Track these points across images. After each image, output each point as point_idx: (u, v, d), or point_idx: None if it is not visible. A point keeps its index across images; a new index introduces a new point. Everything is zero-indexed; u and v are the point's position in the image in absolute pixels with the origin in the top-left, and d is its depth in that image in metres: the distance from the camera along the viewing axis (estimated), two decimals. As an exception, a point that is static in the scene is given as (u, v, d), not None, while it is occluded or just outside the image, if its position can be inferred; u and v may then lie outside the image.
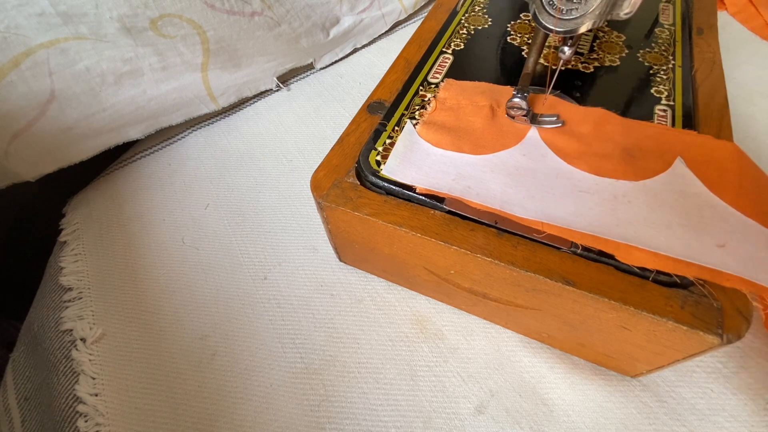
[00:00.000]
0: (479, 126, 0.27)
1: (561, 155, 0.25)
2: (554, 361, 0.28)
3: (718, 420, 0.26)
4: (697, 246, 0.21)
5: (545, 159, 0.25)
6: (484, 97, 0.29)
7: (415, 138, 0.27)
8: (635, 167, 0.24)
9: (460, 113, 0.28)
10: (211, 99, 0.45)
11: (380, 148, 0.28)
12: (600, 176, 0.24)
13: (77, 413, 0.29)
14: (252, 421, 0.28)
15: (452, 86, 0.30)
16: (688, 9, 0.36)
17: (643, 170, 0.24)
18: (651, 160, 0.24)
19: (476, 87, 0.30)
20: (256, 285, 0.35)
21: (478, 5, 0.38)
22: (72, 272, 0.37)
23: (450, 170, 0.25)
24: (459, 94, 0.29)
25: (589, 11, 0.23)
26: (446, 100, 0.29)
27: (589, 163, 0.25)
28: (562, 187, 0.24)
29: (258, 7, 0.42)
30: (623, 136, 0.26)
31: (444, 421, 0.27)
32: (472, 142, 0.27)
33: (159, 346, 0.32)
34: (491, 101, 0.28)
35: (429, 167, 0.26)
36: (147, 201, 0.42)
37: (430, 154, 0.26)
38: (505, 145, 0.26)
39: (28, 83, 0.34)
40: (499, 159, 0.26)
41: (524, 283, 0.23)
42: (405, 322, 0.31)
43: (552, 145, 0.26)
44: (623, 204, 0.23)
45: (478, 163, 0.26)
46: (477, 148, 0.26)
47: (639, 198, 0.23)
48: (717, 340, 0.19)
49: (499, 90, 0.29)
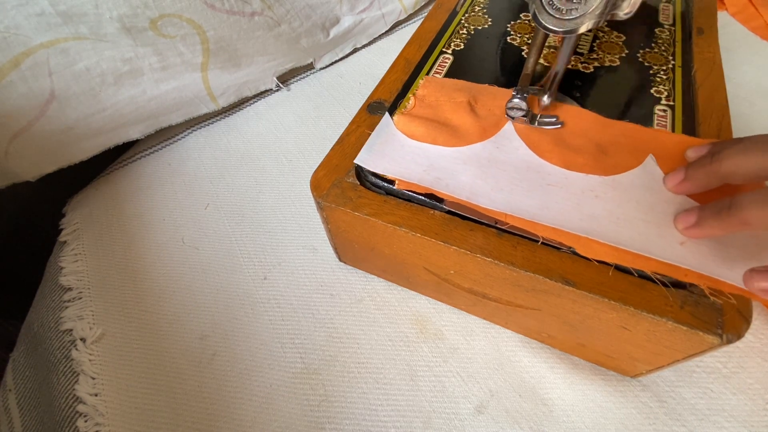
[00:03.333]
0: (456, 120, 0.28)
1: (534, 148, 0.26)
2: (554, 361, 0.28)
3: (718, 420, 0.26)
4: (658, 241, 0.21)
5: (518, 152, 0.26)
6: (462, 93, 0.29)
7: (392, 130, 0.28)
8: (606, 163, 0.24)
9: (438, 110, 0.29)
10: (211, 99, 0.45)
11: (380, 148, 0.27)
12: (570, 170, 0.24)
13: (77, 413, 0.29)
14: (252, 421, 0.28)
15: (431, 83, 0.30)
16: (688, 9, 0.36)
17: (614, 166, 0.24)
18: (623, 157, 0.25)
19: (455, 84, 0.30)
20: (256, 285, 0.35)
21: (478, 5, 0.38)
22: (72, 272, 0.37)
23: (422, 161, 0.26)
24: (438, 91, 0.30)
25: (589, 11, 0.23)
26: (425, 97, 0.30)
27: (561, 157, 0.25)
28: (531, 179, 0.24)
29: (258, 7, 0.42)
30: (598, 133, 0.26)
31: (444, 421, 0.27)
32: (447, 135, 0.27)
33: (159, 346, 0.32)
34: (469, 97, 0.29)
35: (402, 158, 0.26)
36: (147, 201, 0.42)
37: (404, 145, 0.27)
38: (480, 138, 0.27)
39: (28, 83, 0.34)
40: (472, 151, 0.26)
41: (524, 283, 0.23)
42: (405, 322, 0.31)
43: (526, 139, 0.26)
44: (590, 198, 0.23)
45: (450, 155, 0.26)
46: (451, 140, 0.27)
47: (606, 193, 0.23)
48: (717, 340, 0.19)
49: (476, 87, 0.29)
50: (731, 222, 0.19)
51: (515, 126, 0.27)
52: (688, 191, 0.22)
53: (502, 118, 0.27)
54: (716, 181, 0.21)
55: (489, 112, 0.28)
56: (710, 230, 0.20)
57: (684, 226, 0.21)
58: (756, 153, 0.19)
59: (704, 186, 0.21)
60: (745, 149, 0.19)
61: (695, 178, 0.21)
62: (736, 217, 0.18)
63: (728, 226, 0.19)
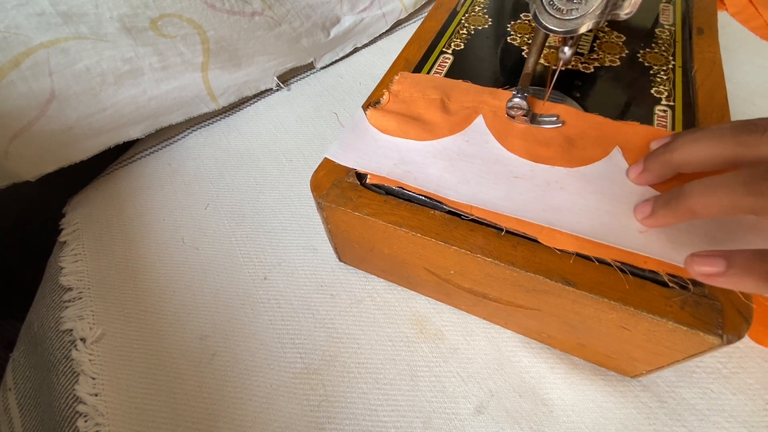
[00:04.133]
0: (428, 115, 0.28)
1: (503, 142, 0.26)
2: (554, 361, 0.28)
3: (718, 420, 0.26)
4: (619, 231, 0.21)
5: (487, 145, 0.26)
6: (435, 90, 0.29)
7: (365, 124, 0.28)
8: (573, 155, 0.25)
9: (412, 105, 0.29)
10: (211, 99, 0.45)
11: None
12: (537, 162, 0.25)
13: (77, 413, 0.29)
14: (252, 421, 0.28)
15: (406, 79, 0.30)
16: (688, 9, 0.36)
17: (580, 158, 0.25)
18: (590, 149, 0.25)
19: (429, 80, 0.30)
20: (256, 285, 0.35)
21: (478, 5, 0.38)
22: (72, 272, 0.37)
23: (393, 155, 0.26)
24: (412, 87, 0.30)
25: (590, 11, 0.23)
26: (400, 92, 0.30)
27: (528, 150, 0.26)
28: (498, 172, 0.25)
29: (258, 6, 0.42)
30: (568, 126, 0.26)
31: (444, 421, 0.27)
32: (418, 129, 0.27)
33: (159, 346, 0.32)
34: (441, 94, 0.29)
35: (374, 152, 0.26)
36: (147, 201, 0.42)
37: (376, 139, 0.27)
38: (450, 132, 0.27)
39: (28, 83, 0.34)
40: (442, 145, 0.26)
41: (524, 284, 0.23)
42: (405, 322, 0.31)
43: (496, 132, 0.27)
44: (555, 190, 0.23)
45: (421, 149, 0.26)
46: (423, 134, 0.27)
47: (571, 184, 0.24)
48: (717, 340, 0.19)
49: (449, 83, 0.30)
50: (679, 210, 0.19)
51: (486, 120, 0.27)
52: (648, 182, 0.23)
53: (473, 113, 0.28)
54: (671, 171, 0.21)
55: (461, 106, 0.28)
56: (663, 219, 0.20)
57: (641, 216, 0.21)
58: (704, 142, 0.20)
59: (661, 176, 0.22)
60: (695, 139, 0.20)
61: (652, 168, 0.22)
62: (682, 206, 0.19)
63: (677, 214, 0.19)
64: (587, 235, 0.21)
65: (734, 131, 0.19)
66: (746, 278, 0.16)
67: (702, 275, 0.17)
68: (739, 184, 0.17)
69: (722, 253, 0.17)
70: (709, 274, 0.17)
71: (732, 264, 0.16)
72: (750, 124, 0.19)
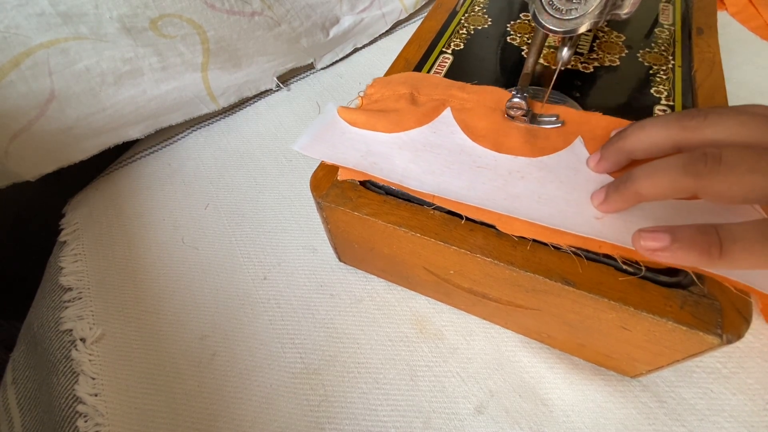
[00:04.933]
0: (397, 109, 0.28)
1: (468, 133, 0.27)
2: (554, 361, 0.28)
3: (718, 420, 0.26)
4: (576, 218, 0.22)
5: (453, 136, 0.27)
6: (406, 85, 0.30)
7: (334, 117, 0.28)
8: (536, 145, 0.25)
9: (383, 103, 0.29)
10: (211, 99, 0.45)
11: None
12: (501, 153, 0.25)
13: (77, 413, 0.29)
14: (252, 421, 0.28)
15: (378, 83, 0.31)
16: (688, 9, 0.36)
17: (542, 148, 0.25)
18: (553, 139, 0.25)
19: (399, 78, 0.31)
20: (255, 285, 0.35)
21: (478, 5, 0.38)
22: (72, 272, 0.37)
23: (361, 147, 0.26)
24: (383, 88, 0.30)
25: (589, 11, 0.23)
26: (372, 95, 0.30)
27: (492, 141, 0.26)
28: (462, 162, 0.25)
29: (258, 6, 0.42)
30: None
31: (443, 421, 0.27)
32: (386, 122, 0.28)
33: (159, 346, 0.32)
34: (411, 89, 0.29)
35: (341, 144, 0.27)
36: (147, 201, 0.42)
37: (345, 132, 0.28)
38: (418, 124, 0.27)
39: (28, 83, 0.34)
40: (409, 137, 0.27)
41: (524, 283, 0.23)
42: (404, 322, 0.31)
43: (462, 124, 0.27)
44: (516, 179, 0.24)
45: (388, 141, 0.27)
46: (390, 126, 0.27)
47: (532, 173, 0.24)
48: (717, 340, 0.19)
49: (421, 78, 0.30)
50: (627, 194, 0.20)
51: (453, 112, 0.28)
52: (606, 170, 0.23)
53: (441, 105, 0.28)
54: (625, 158, 0.22)
55: (429, 99, 0.29)
56: (615, 204, 0.21)
57: (596, 202, 0.22)
58: (652, 129, 0.20)
59: (617, 163, 0.23)
60: (642, 125, 0.21)
61: (608, 156, 0.23)
62: (630, 189, 0.20)
63: (626, 198, 0.20)
64: (544, 222, 0.22)
65: (679, 117, 0.20)
66: (689, 252, 0.16)
67: (648, 250, 0.17)
68: (679, 166, 0.18)
69: (667, 228, 0.17)
70: (654, 249, 0.17)
71: (676, 238, 0.16)
72: (694, 111, 0.20)
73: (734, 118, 0.18)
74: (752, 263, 0.16)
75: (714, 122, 0.19)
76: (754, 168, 0.16)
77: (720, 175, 0.17)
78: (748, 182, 0.16)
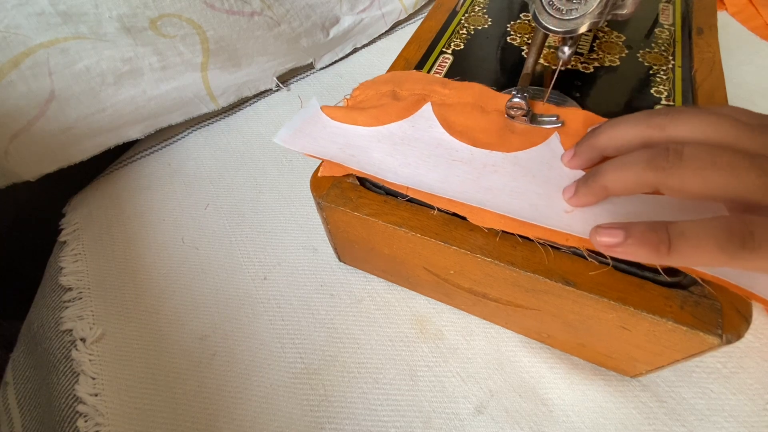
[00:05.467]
0: (378, 104, 0.29)
1: (447, 127, 0.27)
2: (554, 361, 0.29)
3: (718, 420, 0.26)
4: (546, 211, 0.22)
5: (431, 130, 0.27)
6: (388, 84, 0.30)
7: (316, 112, 0.29)
8: (511, 140, 0.26)
9: (366, 102, 0.30)
10: (210, 99, 0.45)
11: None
12: (477, 147, 0.26)
13: (77, 413, 0.29)
14: (252, 421, 0.28)
15: (363, 85, 0.31)
16: (688, 9, 0.36)
17: (518, 143, 0.26)
18: (530, 135, 0.26)
19: (383, 77, 0.31)
20: (255, 285, 0.35)
21: (478, 5, 0.38)
22: (72, 272, 0.37)
23: (340, 140, 0.27)
24: (368, 88, 0.31)
25: (589, 11, 0.23)
26: (357, 96, 0.31)
27: (470, 136, 0.26)
28: (439, 155, 0.26)
29: (258, 6, 0.42)
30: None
31: (443, 421, 0.27)
32: (367, 116, 0.28)
33: (159, 346, 0.32)
34: (394, 86, 0.30)
35: (321, 137, 0.27)
36: (147, 201, 0.42)
37: (326, 126, 0.28)
38: (398, 118, 0.28)
39: (28, 83, 0.34)
40: (388, 130, 0.27)
41: (524, 284, 0.23)
42: (405, 323, 0.31)
43: (442, 119, 0.27)
44: (490, 172, 0.24)
45: (367, 135, 0.27)
46: (370, 120, 0.28)
47: (505, 167, 0.24)
48: (717, 340, 0.19)
49: (404, 75, 0.31)
50: (595, 188, 0.20)
51: (433, 107, 0.28)
52: (579, 166, 0.24)
53: (422, 100, 0.28)
54: (597, 155, 0.22)
55: (410, 94, 0.29)
56: (584, 198, 0.21)
57: (567, 196, 0.22)
58: (622, 126, 0.21)
59: (590, 160, 0.23)
60: (615, 123, 0.21)
61: (581, 153, 0.23)
62: (597, 184, 0.20)
63: (594, 192, 0.21)
64: (515, 214, 0.22)
65: (648, 115, 0.20)
66: (640, 248, 0.17)
67: (604, 246, 0.18)
68: (642, 161, 0.18)
69: (622, 225, 0.17)
70: (609, 245, 0.17)
71: (628, 235, 0.17)
72: (663, 109, 0.20)
73: (699, 117, 0.19)
74: (701, 260, 0.16)
75: (680, 121, 0.19)
76: (712, 163, 0.17)
77: (680, 169, 0.17)
78: (706, 177, 0.17)
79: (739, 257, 0.15)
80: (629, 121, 0.21)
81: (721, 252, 0.16)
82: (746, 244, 0.15)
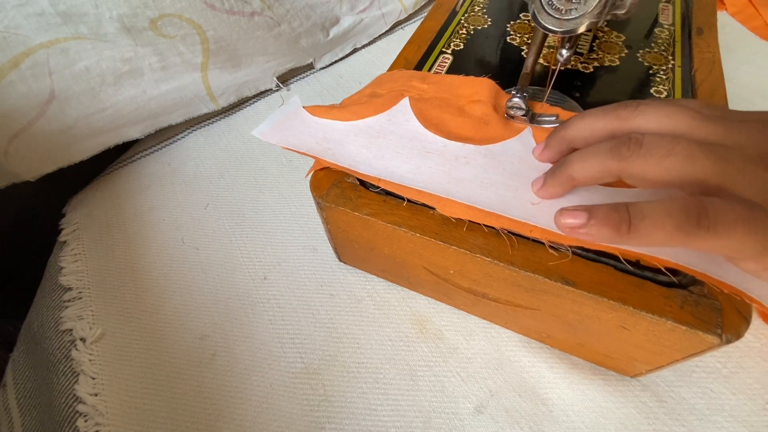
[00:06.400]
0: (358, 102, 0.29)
1: (423, 121, 0.27)
2: (554, 361, 0.29)
3: (718, 420, 0.26)
4: (513, 202, 0.23)
5: (407, 124, 0.27)
6: (371, 86, 0.31)
7: (297, 108, 0.29)
8: (485, 133, 0.26)
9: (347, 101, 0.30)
10: (211, 99, 0.45)
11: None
12: (451, 140, 0.26)
13: (77, 413, 0.29)
14: (252, 421, 0.28)
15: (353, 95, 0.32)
16: (688, 9, 0.36)
17: (492, 137, 0.26)
18: (503, 129, 0.26)
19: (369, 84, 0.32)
20: (255, 285, 0.35)
21: (477, 5, 0.38)
22: (72, 272, 0.37)
23: (317, 135, 0.27)
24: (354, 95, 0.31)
25: (589, 11, 0.23)
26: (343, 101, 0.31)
27: (444, 129, 0.27)
28: (413, 148, 0.26)
29: (258, 6, 0.42)
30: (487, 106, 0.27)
31: (443, 421, 0.27)
32: (346, 112, 0.28)
33: (159, 346, 0.32)
34: (375, 86, 0.30)
35: (299, 132, 0.28)
36: (147, 201, 0.42)
37: (305, 121, 0.29)
38: (375, 112, 0.28)
39: (28, 83, 0.34)
40: (365, 124, 0.28)
41: (524, 283, 0.23)
42: (405, 322, 0.31)
43: (418, 113, 0.28)
44: (461, 164, 0.25)
45: (344, 129, 0.28)
46: (349, 116, 0.28)
47: (477, 160, 0.25)
48: (716, 340, 0.19)
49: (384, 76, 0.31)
50: (562, 178, 0.21)
51: (411, 102, 0.28)
52: (550, 159, 0.24)
53: (400, 95, 0.29)
54: (566, 147, 0.23)
55: (389, 90, 0.30)
56: (552, 188, 0.22)
57: (535, 188, 0.23)
58: (591, 118, 0.21)
59: (560, 152, 0.23)
60: (583, 115, 0.22)
61: (551, 145, 0.24)
62: (564, 174, 0.21)
63: (561, 182, 0.21)
64: (483, 205, 0.22)
65: (615, 107, 0.21)
66: (602, 228, 0.17)
67: (567, 227, 0.18)
68: (606, 150, 0.19)
69: (585, 207, 0.18)
70: (573, 227, 0.18)
71: (592, 215, 0.17)
72: (630, 102, 0.21)
73: (662, 109, 0.19)
74: (660, 239, 0.17)
75: (644, 112, 0.20)
76: (670, 151, 0.17)
77: (640, 158, 0.18)
78: (664, 164, 0.17)
79: (695, 235, 0.16)
80: (597, 114, 0.21)
81: (677, 230, 0.16)
82: (701, 222, 0.16)
